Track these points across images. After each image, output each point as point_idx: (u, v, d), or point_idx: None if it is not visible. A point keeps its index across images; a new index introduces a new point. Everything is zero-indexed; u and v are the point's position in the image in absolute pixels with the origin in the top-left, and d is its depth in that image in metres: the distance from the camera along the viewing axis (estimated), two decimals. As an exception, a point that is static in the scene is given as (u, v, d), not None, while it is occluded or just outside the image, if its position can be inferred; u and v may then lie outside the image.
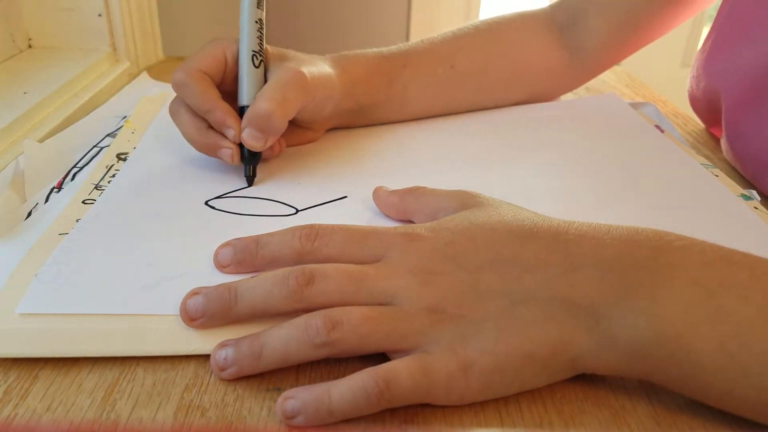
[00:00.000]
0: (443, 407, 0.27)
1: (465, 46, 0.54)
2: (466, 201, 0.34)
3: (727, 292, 0.25)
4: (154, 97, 0.59)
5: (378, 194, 0.39)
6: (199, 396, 0.27)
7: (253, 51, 0.42)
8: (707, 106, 0.55)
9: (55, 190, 0.43)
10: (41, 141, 0.48)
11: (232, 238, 0.33)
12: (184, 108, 0.42)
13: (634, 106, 0.60)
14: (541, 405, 0.28)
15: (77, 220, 0.38)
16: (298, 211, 0.40)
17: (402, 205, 0.37)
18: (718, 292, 0.26)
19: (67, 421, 0.26)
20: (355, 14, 1.91)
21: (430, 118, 0.54)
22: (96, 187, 0.42)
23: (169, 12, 0.87)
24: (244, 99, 0.42)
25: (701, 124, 0.61)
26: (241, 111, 0.42)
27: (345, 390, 0.25)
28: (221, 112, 0.41)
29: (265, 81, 0.42)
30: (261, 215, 0.39)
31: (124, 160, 0.46)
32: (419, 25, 1.96)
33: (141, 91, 0.62)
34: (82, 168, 0.46)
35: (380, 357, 0.28)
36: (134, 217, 0.38)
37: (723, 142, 0.53)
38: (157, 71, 0.72)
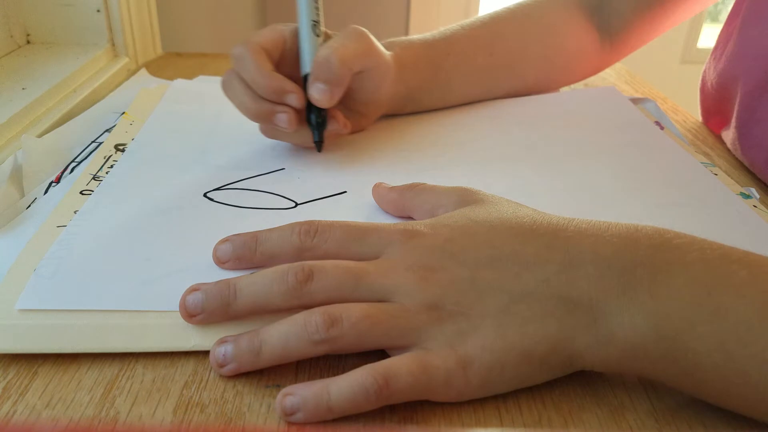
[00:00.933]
0: (442, 404, 0.27)
1: (503, 33, 0.55)
2: (465, 198, 0.34)
3: (726, 290, 0.25)
4: (153, 88, 0.59)
5: (377, 190, 0.39)
6: (199, 393, 0.27)
7: (313, 21, 0.43)
8: (719, 93, 0.55)
9: (54, 184, 0.43)
10: (40, 137, 0.48)
11: (230, 231, 0.33)
12: (237, 80, 0.42)
13: (634, 101, 0.59)
14: (540, 402, 0.28)
15: (75, 212, 0.38)
16: (297, 204, 0.40)
17: (401, 201, 0.37)
18: (716, 290, 0.26)
19: (66, 418, 0.26)
20: (355, 14, 1.91)
21: (427, 114, 0.54)
22: (94, 178, 0.42)
23: (167, 8, 0.87)
24: (306, 67, 0.43)
25: (700, 121, 0.61)
26: (303, 80, 0.42)
27: (344, 387, 0.26)
28: (279, 79, 0.41)
29: None
30: (260, 208, 0.39)
31: (122, 151, 0.46)
32: (418, 25, 1.96)
33: (140, 88, 0.62)
34: (80, 163, 0.46)
35: (379, 354, 0.28)
36: (132, 210, 0.38)
37: (730, 132, 0.52)
38: (155, 67, 0.71)
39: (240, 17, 1.58)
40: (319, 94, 0.41)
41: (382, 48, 0.46)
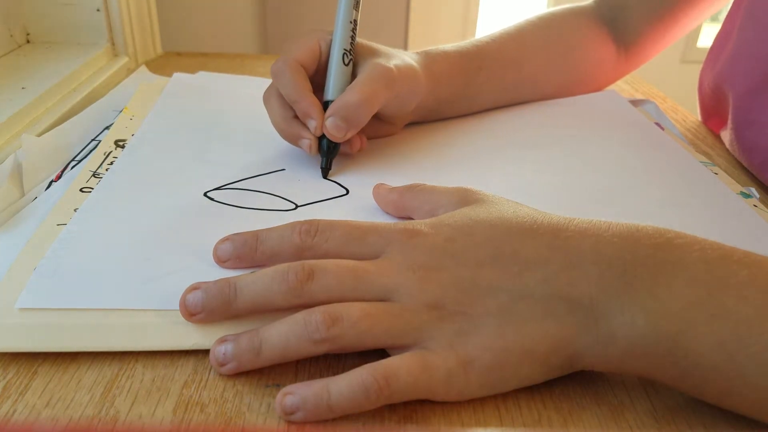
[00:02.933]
0: (442, 404, 0.27)
1: (530, 48, 0.56)
2: (466, 197, 0.34)
3: (727, 290, 0.25)
4: (153, 84, 0.59)
5: (378, 191, 0.39)
6: (199, 392, 0.27)
7: (345, 50, 0.44)
8: (715, 95, 0.55)
9: (54, 182, 0.43)
10: (40, 135, 0.48)
11: (230, 231, 0.33)
12: (276, 96, 0.44)
13: (634, 103, 0.60)
14: (539, 402, 0.28)
15: (75, 210, 0.38)
16: (297, 206, 0.40)
17: (402, 201, 0.37)
18: (717, 290, 0.26)
19: (66, 418, 0.26)
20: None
21: None
22: (94, 175, 0.42)
23: (167, 7, 0.87)
24: (329, 94, 0.44)
25: (700, 120, 0.61)
26: (325, 105, 0.43)
27: (344, 386, 0.26)
28: (307, 103, 0.42)
29: (354, 77, 0.44)
30: (260, 209, 0.39)
31: (122, 147, 0.46)
32: (418, 26, 1.96)
33: (139, 83, 0.62)
34: (80, 161, 0.46)
35: (379, 353, 0.28)
36: (132, 208, 0.38)
37: (727, 133, 0.53)
38: (155, 66, 0.71)
39: (240, 17, 1.58)
40: (335, 130, 0.42)
41: (411, 67, 0.46)
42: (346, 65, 0.44)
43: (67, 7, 0.67)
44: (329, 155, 0.43)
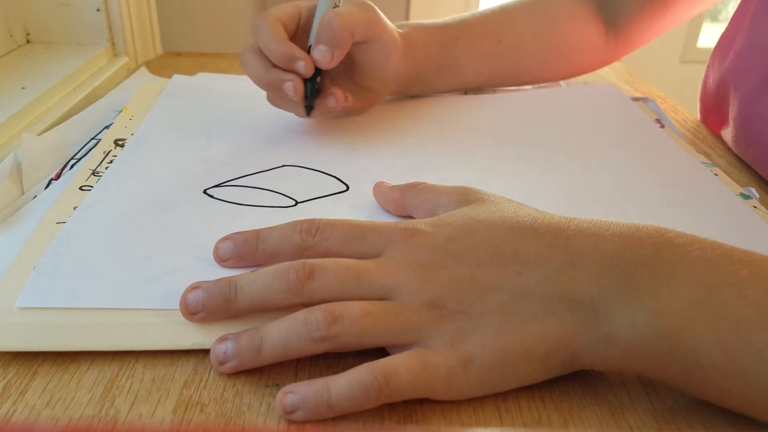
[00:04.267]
0: (442, 404, 0.27)
1: (511, 22, 0.56)
2: (466, 197, 0.34)
3: (727, 289, 0.25)
4: (153, 84, 0.59)
5: (378, 189, 0.39)
6: (199, 392, 0.27)
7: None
8: (720, 91, 0.55)
9: (54, 181, 0.43)
10: (39, 135, 0.48)
11: (231, 229, 0.33)
12: (253, 51, 0.45)
13: (635, 100, 0.59)
14: (539, 401, 0.28)
15: (74, 208, 0.37)
16: (297, 202, 0.40)
17: (402, 200, 0.37)
18: (717, 289, 0.26)
19: (66, 417, 0.26)
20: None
21: (428, 112, 0.55)
22: (93, 173, 0.42)
23: (167, 7, 0.87)
24: (315, 39, 0.45)
25: (699, 120, 0.61)
26: (309, 51, 0.45)
27: (344, 385, 0.26)
28: (290, 47, 0.43)
29: None
30: (260, 206, 0.39)
31: (122, 146, 0.46)
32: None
33: (139, 83, 0.62)
34: (79, 160, 0.46)
35: (379, 353, 0.28)
36: (132, 206, 0.38)
37: (730, 130, 0.53)
38: (155, 66, 0.71)
39: (240, 17, 1.58)
40: (320, 55, 0.43)
41: (389, 23, 0.48)
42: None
43: (67, 7, 0.67)
44: (313, 95, 0.45)
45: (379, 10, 0.47)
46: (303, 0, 0.47)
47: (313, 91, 0.45)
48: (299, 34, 0.47)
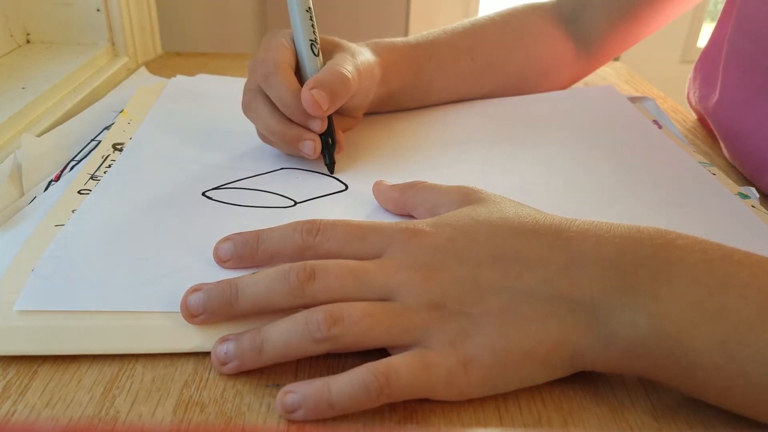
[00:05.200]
0: (442, 404, 0.27)
1: (484, 40, 0.56)
2: (467, 197, 0.34)
3: (728, 290, 0.26)
4: (151, 87, 0.59)
5: (378, 188, 0.39)
6: (199, 392, 0.27)
7: (311, 40, 0.43)
8: (701, 105, 0.55)
9: (54, 182, 0.43)
10: (39, 136, 0.48)
11: (230, 230, 0.33)
12: (263, 100, 0.42)
13: (633, 100, 0.59)
14: (540, 402, 0.28)
15: (73, 211, 0.37)
16: (296, 203, 0.40)
17: (402, 199, 0.37)
18: (718, 290, 0.26)
19: (66, 418, 0.26)
20: (355, 14, 1.90)
21: (428, 112, 0.55)
22: (92, 177, 0.42)
23: (167, 7, 0.87)
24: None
25: (700, 122, 0.61)
26: None
27: (345, 384, 0.26)
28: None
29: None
30: (259, 207, 0.39)
31: (120, 150, 0.46)
32: (418, 24, 1.96)
33: (137, 87, 0.62)
34: (79, 161, 0.46)
35: (380, 353, 0.28)
36: (131, 209, 0.38)
37: (719, 139, 0.53)
38: (155, 66, 0.71)
39: (240, 17, 1.58)
40: (318, 99, 0.40)
41: (366, 59, 0.46)
42: (316, 55, 0.43)
43: (67, 7, 0.67)
44: (331, 150, 0.43)
45: (357, 60, 0.45)
46: (280, 31, 0.45)
47: (331, 146, 0.43)
48: (297, 70, 0.44)
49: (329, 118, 0.43)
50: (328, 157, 0.43)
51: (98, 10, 0.67)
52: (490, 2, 2.06)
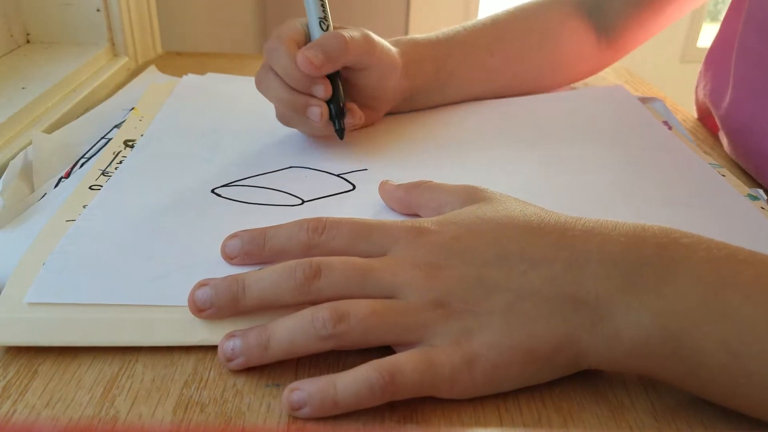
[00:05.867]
0: (442, 404, 0.27)
1: (503, 35, 0.56)
2: (472, 196, 0.34)
3: (732, 290, 0.25)
4: (162, 84, 0.59)
5: (384, 188, 0.39)
6: (199, 392, 0.27)
7: (319, 17, 0.45)
8: (711, 98, 0.55)
9: (63, 179, 0.43)
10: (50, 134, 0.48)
11: (237, 227, 0.33)
12: (272, 74, 0.44)
13: (642, 101, 0.59)
14: (539, 401, 0.28)
15: (84, 206, 0.38)
16: (304, 201, 0.40)
17: (408, 198, 0.37)
18: (723, 289, 0.26)
19: (66, 418, 0.26)
20: (355, 14, 1.90)
21: (433, 112, 0.55)
22: (103, 173, 0.42)
23: (167, 7, 0.87)
24: None
25: (700, 121, 0.61)
26: None
27: (350, 382, 0.26)
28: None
29: None
30: (267, 204, 0.39)
31: (132, 147, 0.46)
32: (418, 24, 1.96)
33: (149, 84, 0.62)
34: (89, 159, 0.46)
35: (381, 352, 0.28)
36: (141, 205, 0.38)
37: (721, 135, 0.53)
38: (156, 66, 0.71)
39: (240, 17, 1.58)
40: (311, 59, 0.42)
41: (387, 45, 0.48)
42: (325, 31, 0.45)
43: (67, 7, 0.67)
44: (340, 117, 0.45)
45: (375, 36, 0.47)
46: (297, 19, 0.47)
47: (339, 113, 0.45)
48: None
49: (335, 85, 0.44)
50: (338, 123, 0.45)
51: (98, 10, 0.67)
52: (490, 2, 2.06)
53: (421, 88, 0.53)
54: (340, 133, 0.45)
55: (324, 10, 0.46)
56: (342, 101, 0.45)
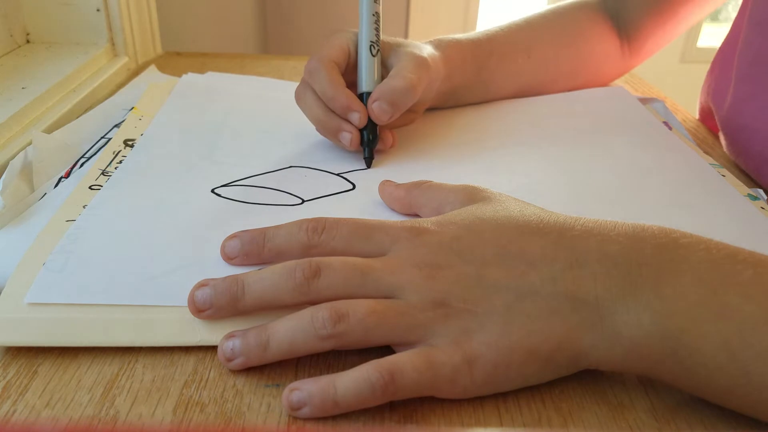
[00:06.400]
0: (442, 403, 0.27)
1: (539, 37, 0.58)
2: (472, 195, 0.34)
3: (732, 290, 0.25)
4: (162, 84, 0.59)
5: (384, 187, 0.39)
6: (199, 392, 0.27)
7: (371, 41, 0.46)
8: (712, 98, 0.55)
9: (63, 179, 0.43)
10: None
11: (237, 227, 0.33)
12: (310, 92, 0.45)
13: (642, 101, 0.59)
14: (539, 401, 0.28)
15: (84, 206, 0.38)
16: (303, 201, 0.40)
17: (408, 198, 0.37)
18: (722, 289, 0.26)
19: (66, 418, 0.26)
20: (355, 14, 1.90)
21: (435, 114, 0.55)
22: (103, 173, 0.42)
23: (167, 7, 0.87)
24: (363, 86, 0.46)
25: (701, 121, 0.61)
26: (359, 98, 0.45)
27: (350, 382, 0.26)
28: (346, 96, 0.44)
29: (384, 68, 0.47)
30: (267, 204, 0.39)
31: (131, 146, 0.46)
32: (418, 24, 1.96)
33: (149, 84, 0.62)
34: (90, 159, 0.46)
35: (380, 352, 0.28)
36: (141, 205, 0.38)
37: (721, 136, 0.53)
38: (156, 66, 0.71)
39: (240, 17, 1.58)
40: (381, 113, 0.43)
41: (434, 56, 0.48)
42: (374, 56, 0.46)
43: (67, 7, 0.67)
44: (371, 145, 0.45)
45: (428, 56, 0.47)
46: (345, 32, 0.47)
47: (371, 141, 0.45)
48: (349, 71, 0.47)
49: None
50: (368, 151, 0.45)
51: (98, 10, 0.67)
52: (490, 2, 2.06)
53: (461, 87, 0.54)
54: (368, 161, 0.45)
55: (377, 34, 0.46)
56: (375, 130, 0.45)
